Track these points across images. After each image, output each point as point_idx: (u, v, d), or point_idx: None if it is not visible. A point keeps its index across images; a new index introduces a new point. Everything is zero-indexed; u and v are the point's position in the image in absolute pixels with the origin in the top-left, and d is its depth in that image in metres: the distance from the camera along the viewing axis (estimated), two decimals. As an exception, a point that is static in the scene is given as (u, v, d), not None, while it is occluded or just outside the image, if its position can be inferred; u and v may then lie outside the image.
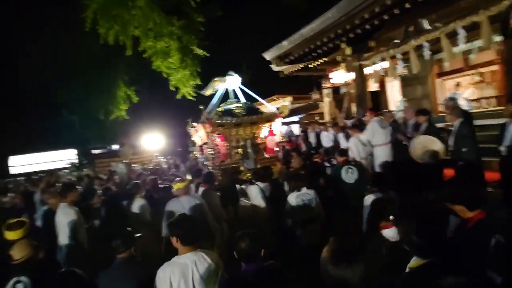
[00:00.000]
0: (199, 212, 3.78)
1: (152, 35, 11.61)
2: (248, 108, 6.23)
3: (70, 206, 3.94)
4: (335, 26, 5.98)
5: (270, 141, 6.14)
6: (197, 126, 6.48)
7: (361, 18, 5.49)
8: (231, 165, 5.86)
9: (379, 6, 5.01)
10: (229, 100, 6.52)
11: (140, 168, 9.93)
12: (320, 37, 6.46)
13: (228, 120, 5.91)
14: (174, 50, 12.05)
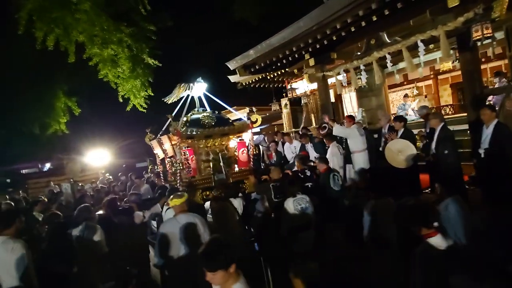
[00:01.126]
0: (197, 235, 3.28)
1: (99, 42, 10.71)
2: (217, 118, 5.67)
3: (15, 240, 3.13)
4: (305, 35, 6.02)
5: (242, 154, 5.63)
6: (163, 138, 5.68)
7: (332, 28, 5.59)
8: (202, 180, 5.28)
9: (351, 16, 5.15)
10: (195, 109, 5.89)
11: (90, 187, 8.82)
12: (289, 46, 6.46)
13: (198, 131, 5.29)
14: (124, 58, 11.28)
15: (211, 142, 5.57)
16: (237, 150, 5.62)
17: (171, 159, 5.67)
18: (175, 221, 3.30)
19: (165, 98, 6.79)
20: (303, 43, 6.21)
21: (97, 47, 10.75)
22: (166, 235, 3.23)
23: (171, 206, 3.41)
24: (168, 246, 3.22)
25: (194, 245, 3.08)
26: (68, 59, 10.25)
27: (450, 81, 11.50)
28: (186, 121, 5.55)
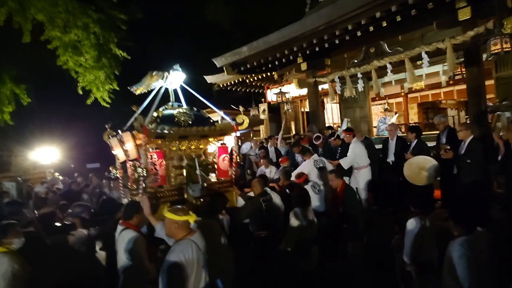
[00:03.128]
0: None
1: (61, 24, 9.47)
2: (195, 115, 4.57)
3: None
4: (310, 35, 5.73)
5: (223, 161, 4.57)
6: (124, 135, 4.38)
7: (341, 30, 5.37)
8: (171, 192, 4.23)
9: (366, 18, 4.97)
10: (169, 104, 4.75)
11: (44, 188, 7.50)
12: (288, 46, 6.12)
13: (171, 130, 4.18)
14: (89, 46, 10.10)
15: (186, 144, 4.49)
16: (217, 156, 4.59)
17: (134, 162, 4.38)
18: (193, 243, 2.37)
19: (132, 87, 5.65)
20: (306, 43, 5.91)
21: (58, 30, 9.51)
22: (184, 265, 2.25)
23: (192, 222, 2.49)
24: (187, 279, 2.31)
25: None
26: (23, 39, 8.86)
27: (419, 100, 12.06)
28: (157, 117, 4.41)
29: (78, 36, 9.79)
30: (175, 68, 4.67)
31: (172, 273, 2.22)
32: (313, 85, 7.36)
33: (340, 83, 6.75)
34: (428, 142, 5.50)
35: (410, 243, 2.79)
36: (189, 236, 2.40)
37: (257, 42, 6.51)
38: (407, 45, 6.00)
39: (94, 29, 9.90)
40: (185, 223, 2.42)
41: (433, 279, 2.72)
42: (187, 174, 4.35)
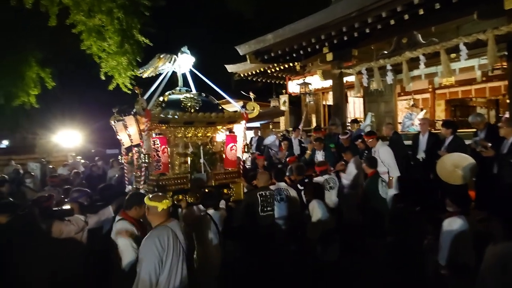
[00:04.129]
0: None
1: (86, 8, 9.53)
2: (203, 101, 4.31)
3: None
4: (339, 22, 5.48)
5: (231, 150, 4.33)
6: (127, 119, 4.27)
7: (374, 17, 5.10)
8: (174, 180, 4.05)
9: (402, 5, 4.69)
10: (176, 88, 4.52)
11: (65, 170, 7.64)
12: (315, 34, 5.90)
13: (175, 115, 3.94)
14: (112, 31, 10.11)
15: (192, 131, 4.27)
16: (225, 145, 4.35)
17: (139, 148, 4.34)
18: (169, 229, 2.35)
19: (140, 69, 5.49)
20: (334, 31, 5.66)
21: (82, 14, 9.54)
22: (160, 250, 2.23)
23: (161, 210, 2.39)
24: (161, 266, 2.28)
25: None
26: (49, 22, 8.95)
27: (447, 97, 11.54)
28: (162, 101, 4.19)
29: (102, 21, 9.81)
30: (183, 51, 4.50)
31: (147, 257, 2.24)
32: (338, 76, 7.11)
33: (367, 75, 6.49)
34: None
35: (448, 244, 2.61)
36: (166, 223, 2.40)
37: (283, 30, 6.31)
38: (441, 36, 5.67)
39: (118, 14, 9.89)
40: (159, 212, 2.40)
41: (468, 283, 2.54)
42: (191, 162, 4.14)
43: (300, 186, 4.67)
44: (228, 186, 4.34)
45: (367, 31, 5.62)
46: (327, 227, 3.57)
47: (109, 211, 3.46)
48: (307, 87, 8.35)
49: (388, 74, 6.00)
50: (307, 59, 7.49)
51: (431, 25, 5.56)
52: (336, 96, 7.31)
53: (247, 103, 4.72)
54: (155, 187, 3.85)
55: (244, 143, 4.46)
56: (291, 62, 8.35)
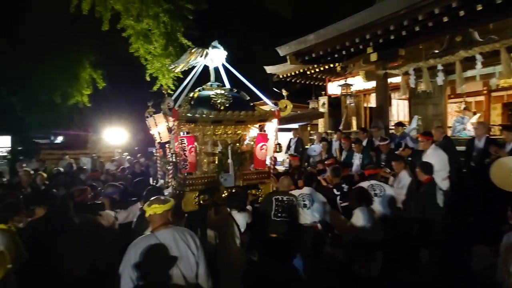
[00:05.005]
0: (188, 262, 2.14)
1: (135, 13, 10.11)
2: (234, 97, 4.13)
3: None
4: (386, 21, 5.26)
5: (261, 150, 4.14)
6: (157, 117, 4.31)
7: (425, 14, 4.83)
8: (201, 180, 3.95)
9: (457, 1, 4.39)
10: (208, 84, 4.36)
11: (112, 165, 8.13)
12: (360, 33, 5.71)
13: (203, 113, 3.80)
14: (158, 35, 10.68)
15: (221, 129, 4.10)
16: (255, 145, 4.18)
17: (168, 145, 4.37)
18: (153, 239, 2.10)
19: (171, 65, 5.47)
20: (381, 30, 5.44)
21: (132, 19, 10.17)
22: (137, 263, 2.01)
23: (148, 216, 2.19)
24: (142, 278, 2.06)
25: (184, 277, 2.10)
26: (102, 27, 9.64)
27: (504, 100, 10.59)
28: (192, 98, 4.02)
29: (149, 25, 10.38)
30: (214, 45, 4.38)
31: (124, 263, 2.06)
32: (383, 77, 6.82)
33: (414, 76, 6.15)
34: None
35: (508, 261, 2.37)
36: (157, 230, 2.15)
37: (325, 30, 6.18)
38: (501, 34, 5.20)
39: (163, 18, 10.41)
40: (153, 216, 2.17)
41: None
42: (219, 162, 4.03)
43: (336, 191, 4.38)
44: (256, 187, 4.20)
45: (416, 29, 5.33)
46: (373, 239, 3.27)
47: (138, 207, 3.44)
48: (349, 88, 8.11)
49: (438, 74, 5.64)
50: (349, 59, 7.26)
51: (490, 21, 5.13)
52: (380, 98, 7.02)
53: (279, 101, 4.48)
54: (182, 185, 3.84)
55: (276, 142, 4.29)
56: (332, 63, 8.16)
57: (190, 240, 2.17)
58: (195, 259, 2.14)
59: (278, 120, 4.31)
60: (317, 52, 6.63)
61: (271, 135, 4.32)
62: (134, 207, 3.48)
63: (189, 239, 2.17)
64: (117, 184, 4.15)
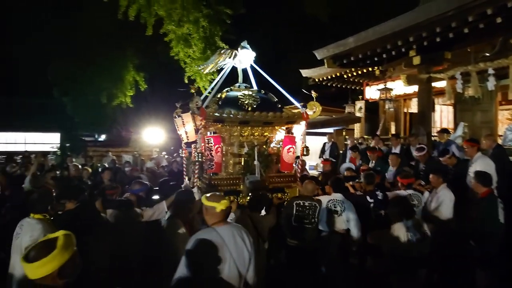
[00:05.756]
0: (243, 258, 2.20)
1: (177, 18, 10.55)
2: (261, 99, 4.09)
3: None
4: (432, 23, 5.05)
5: (288, 152, 4.05)
6: (185, 116, 4.27)
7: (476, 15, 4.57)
8: (226, 181, 3.93)
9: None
10: (236, 85, 4.34)
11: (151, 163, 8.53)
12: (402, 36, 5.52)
13: (231, 113, 3.78)
14: (197, 39, 11.05)
15: (248, 130, 4.04)
16: (282, 147, 4.09)
17: (195, 145, 4.40)
18: (215, 233, 2.16)
19: (200, 66, 5.51)
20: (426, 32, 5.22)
21: (173, 24, 10.62)
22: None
23: (219, 210, 2.21)
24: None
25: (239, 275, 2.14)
26: (146, 32, 10.16)
27: None
28: (219, 99, 4.02)
29: (189, 29, 10.78)
30: (243, 46, 4.36)
31: (184, 256, 2.12)
32: (426, 82, 6.53)
33: (461, 80, 5.82)
34: None
35: None
36: (217, 225, 2.21)
37: (366, 33, 6.04)
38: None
39: (203, 23, 10.76)
40: (215, 212, 2.22)
41: None
42: (245, 163, 3.99)
43: (369, 199, 4.10)
44: (282, 190, 4.11)
45: (465, 31, 5.05)
46: (415, 254, 3.00)
47: (163, 206, 3.46)
48: (388, 92, 7.83)
49: (489, 79, 5.30)
50: (390, 63, 7.04)
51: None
52: (422, 103, 6.71)
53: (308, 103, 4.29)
54: (208, 185, 3.83)
55: (303, 145, 4.20)
56: (370, 67, 7.96)
57: (245, 237, 2.24)
58: (249, 256, 2.20)
59: (306, 123, 4.22)
60: (356, 55, 6.50)
61: (298, 138, 4.25)
62: (160, 205, 3.50)
63: (245, 236, 2.24)
64: (143, 182, 4.23)
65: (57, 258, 1.53)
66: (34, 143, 17.12)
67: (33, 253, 1.53)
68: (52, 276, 1.52)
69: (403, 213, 3.11)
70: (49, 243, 1.56)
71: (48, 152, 12.12)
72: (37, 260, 1.49)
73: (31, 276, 1.51)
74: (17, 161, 8.90)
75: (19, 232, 2.79)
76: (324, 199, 3.77)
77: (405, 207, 3.16)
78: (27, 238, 2.68)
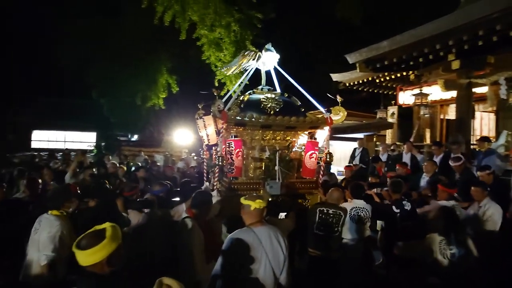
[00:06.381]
0: (278, 259, 2.22)
1: (209, 23, 10.84)
2: (285, 102, 4.02)
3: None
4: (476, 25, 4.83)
5: (310, 158, 3.94)
6: (206, 118, 4.23)
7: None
8: (246, 185, 3.87)
9: None
10: (259, 87, 4.27)
11: (182, 163, 8.78)
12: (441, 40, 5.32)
13: (253, 117, 3.71)
14: (228, 43, 11.27)
15: (270, 134, 3.94)
16: (304, 152, 3.98)
17: (216, 147, 4.25)
18: (252, 234, 2.20)
19: (223, 67, 5.44)
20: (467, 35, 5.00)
21: (206, 29, 10.90)
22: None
23: (252, 210, 2.26)
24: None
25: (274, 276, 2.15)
26: (180, 37, 10.52)
27: None
28: (242, 101, 3.98)
29: (221, 34, 11.03)
30: (268, 48, 4.27)
31: (223, 254, 2.16)
32: (466, 87, 6.23)
33: (505, 86, 5.50)
34: None
35: None
36: (254, 226, 2.24)
37: (401, 36, 5.88)
38: None
39: (234, 27, 10.98)
40: (251, 211, 2.26)
41: None
42: (266, 168, 3.88)
43: (395, 209, 3.86)
44: (303, 196, 4.00)
45: (511, 34, 4.78)
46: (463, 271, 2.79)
47: (183, 208, 3.44)
48: (424, 98, 7.52)
49: None
50: (426, 67, 6.78)
51: None
52: (461, 109, 6.40)
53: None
54: (227, 189, 3.80)
55: (326, 151, 4.10)
56: (405, 71, 7.71)
57: (281, 240, 2.25)
58: (284, 259, 2.22)
59: (330, 128, 4.10)
60: (390, 59, 6.33)
61: (322, 143, 4.16)
62: (180, 207, 3.50)
63: (280, 239, 2.25)
64: (164, 183, 4.20)
65: (106, 247, 1.64)
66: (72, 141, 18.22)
67: (84, 241, 1.64)
68: (101, 264, 1.63)
69: (450, 226, 2.88)
70: (98, 233, 1.67)
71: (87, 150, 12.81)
72: (90, 248, 1.61)
73: (82, 263, 1.63)
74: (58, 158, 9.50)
75: (37, 228, 2.89)
76: (348, 207, 3.68)
77: (453, 220, 2.94)
78: (45, 234, 2.80)
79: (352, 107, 11.54)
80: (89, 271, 1.64)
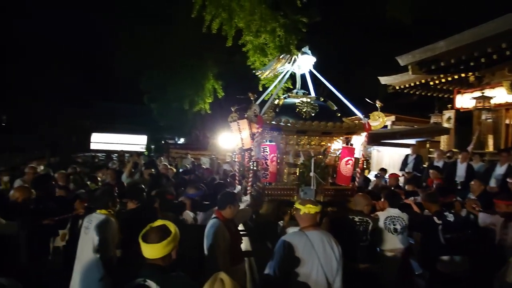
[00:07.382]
0: (331, 266, 2.21)
1: (254, 29, 11.01)
2: (320, 107, 3.93)
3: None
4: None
5: (346, 165, 3.82)
6: (241, 122, 4.14)
7: None
8: (281, 191, 3.80)
9: None
10: (294, 91, 4.21)
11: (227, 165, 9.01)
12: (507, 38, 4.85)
13: (288, 122, 3.62)
14: (273, 48, 11.34)
15: (305, 140, 3.88)
16: (340, 159, 3.85)
17: (249, 152, 4.16)
18: (304, 237, 2.19)
19: (257, 71, 5.43)
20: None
21: (251, 35, 11.10)
22: (287, 257, 2.12)
23: (302, 214, 2.28)
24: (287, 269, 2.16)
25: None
26: (227, 43, 10.82)
27: None
28: (277, 106, 3.92)
29: (266, 39, 11.15)
30: (304, 51, 4.19)
31: (274, 256, 2.17)
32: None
33: None
34: None
35: None
36: (307, 230, 2.24)
37: (461, 35, 5.47)
38: None
39: (279, 32, 11.03)
40: (301, 215, 2.29)
41: None
42: (300, 174, 3.76)
43: (437, 220, 3.47)
44: (338, 204, 3.87)
45: None
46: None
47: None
48: (487, 101, 6.87)
49: None
50: (489, 68, 6.22)
51: None
52: (532, 114, 5.77)
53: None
54: (261, 194, 3.76)
55: (363, 158, 3.93)
56: (464, 73, 7.14)
57: (335, 246, 2.24)
58: (337, 266, 2.19)
59: (367, 134, 3.92)
60: (447, 61, 5.91)
61: (358, 149, 4.01)
62: (213, 210, 3.47)
63: (334, 245, 2.24)
64: (199, 186, 4.21)
65: (172, 242, 1.76)
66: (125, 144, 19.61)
67: (152, 235, 1.75)
68: (168, 257, 1.74)
69: None
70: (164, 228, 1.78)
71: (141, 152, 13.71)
72: (159, 242, 1.72)
73: (150, 256, 1.74)
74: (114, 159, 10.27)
75: (88, 227, 2.98)
76: (381, 216, 3.51)
77: None
78: (97, 232, 2.91)
79: (401, 111, 10.99)
80: (151, 263, 1.74)
